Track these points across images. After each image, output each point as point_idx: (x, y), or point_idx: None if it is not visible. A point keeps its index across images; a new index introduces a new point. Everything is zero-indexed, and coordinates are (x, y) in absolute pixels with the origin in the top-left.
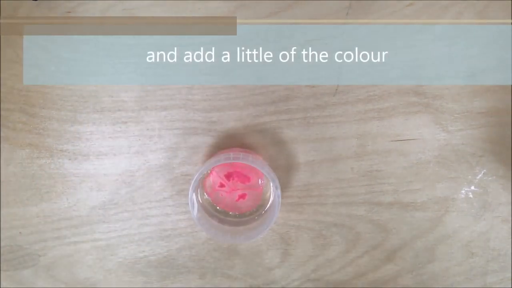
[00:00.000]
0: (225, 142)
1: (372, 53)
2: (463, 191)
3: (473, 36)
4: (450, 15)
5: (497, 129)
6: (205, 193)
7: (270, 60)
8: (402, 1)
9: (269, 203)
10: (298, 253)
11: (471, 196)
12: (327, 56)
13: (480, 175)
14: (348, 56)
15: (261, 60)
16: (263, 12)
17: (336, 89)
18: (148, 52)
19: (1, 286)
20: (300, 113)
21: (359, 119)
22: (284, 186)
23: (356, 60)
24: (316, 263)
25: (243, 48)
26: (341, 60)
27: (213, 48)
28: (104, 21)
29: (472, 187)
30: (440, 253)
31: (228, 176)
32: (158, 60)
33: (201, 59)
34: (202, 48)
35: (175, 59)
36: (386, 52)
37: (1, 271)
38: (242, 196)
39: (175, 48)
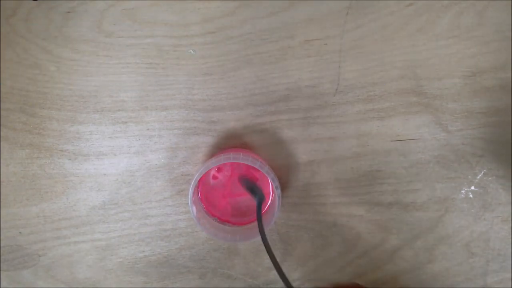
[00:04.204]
0: (225, 142)
1: (372, 53)
2: (463, 191)
3: (473, 36)
4: (450, 15)
5: (497, 129)
6: (202, 204)
7: (270, 60)
8: (402, 1)
9: (269, 203)
10: (298, 253)
11: (471, 196)
12: (327, 56)
13: (480, 175)
14: (348, 56)
15: (261, 60)
16: (263, 11)
17: (336, 89)
18: (149, 52)
19: (1, 286)
20: (300, 113)
21: (359, 119)
22: (284, 186)
23: (356, 60)
24: (316, 263)
25: (243, 48)
26: (341, 60)
27: (213, 48)
28: (103, 21)
29: (472, 187)
30: (440, 253)
31: (219, 170)
32: (158, 60)
33: (201, 59)
34: (202, 48)
35: (175, 59)
36: (386, 52)
37: (1, 271)
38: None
39: (175, 48)
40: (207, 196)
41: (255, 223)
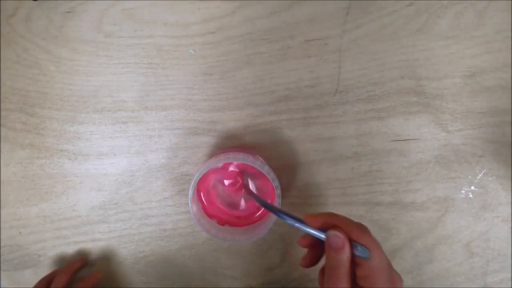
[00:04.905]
0: (225, 142)
1: (372, 53)
2: (463, 191)
3: (473, 36)
4: (450, 15)
5: (497, 129)
6: (202, 204)
7: (270, 60)
8: (402, 1)
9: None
10: (298, 253)
11: (471, 196)
12: (327, 56)
13: (480, 175)
14: (348, 56)
15: (261, 60)
16: (263, 11)
17: (336, 89)
18: (149, 52)
19: (1, 286)
20: (300, 113)
21: (359, 119)
22: (284, 186)
23: (356, 60)
24: None
25: (243, 48)
26: (341, 60)
27: (213, 48)
28: (103, 21)
29: (472, 187)
30: (440, 253)
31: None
32: (158, 60)
33: (201, 59)
34: (202, 48)
35: (175, 59)
36: (386, 52)
37: (1, 271)
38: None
39: (175, 48)
40: (207, 197)
41: (255, 223)
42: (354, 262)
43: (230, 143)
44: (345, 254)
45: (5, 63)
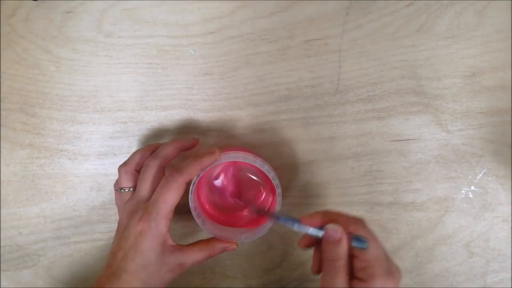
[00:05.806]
0: (225, 142)
1: (372, 53)
2: (463, 191)
3: (473, 36)
4: (450, 15)
5: (497, 129)
6: (202, 204)
7: (270, 60)
8: (402, 1)
9: (269, 203)
10: (298, 253)
11: (471, 196)
12: (327, 56)
13: (480, 175)
14: (348, 56)
15: (261, 60)
16: (263, 11)
17: (336, 89)
18: (149, 52)
19: (1, 286)
20: (300, 113)
21: (359, 119)
22: (284, 186)
23: (356, 60)
24: None
25: (243, 48)
26: (341, 60)
27: (213, 48)
28: (103, 21)
29: (472, 187)
30: (440, 253)
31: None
32: (158, 60)
33: (201, 59)
34: (202, 48)
35: (175, 59)
36: (386, 52)
37: (1, 271)
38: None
39: (175, 48)
40: (207, 196)
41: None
42: (351, 255)
43: (230, 143)
44: (343, 247)
45: (5, 63)
